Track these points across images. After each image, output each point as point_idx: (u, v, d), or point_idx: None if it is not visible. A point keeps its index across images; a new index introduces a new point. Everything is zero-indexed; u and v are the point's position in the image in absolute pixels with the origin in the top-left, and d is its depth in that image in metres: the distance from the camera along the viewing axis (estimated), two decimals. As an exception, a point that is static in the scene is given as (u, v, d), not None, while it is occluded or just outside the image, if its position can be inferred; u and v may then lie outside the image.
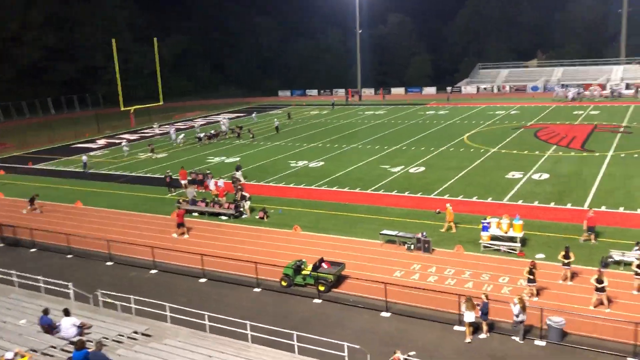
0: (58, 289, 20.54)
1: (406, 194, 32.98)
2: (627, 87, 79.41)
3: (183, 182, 36.06)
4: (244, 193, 31.44)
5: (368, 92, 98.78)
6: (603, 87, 79.46)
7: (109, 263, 25.30)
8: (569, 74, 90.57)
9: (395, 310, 19.19)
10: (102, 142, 60.83)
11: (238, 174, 36.08)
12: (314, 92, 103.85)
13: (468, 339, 17.22)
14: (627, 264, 21.47)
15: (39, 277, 21.06)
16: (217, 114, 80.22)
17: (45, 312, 16.63)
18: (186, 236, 27.26)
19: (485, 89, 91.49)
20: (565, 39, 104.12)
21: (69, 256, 26.50)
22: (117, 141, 59.88)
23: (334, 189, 34.94)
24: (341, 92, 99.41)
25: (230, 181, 34.32)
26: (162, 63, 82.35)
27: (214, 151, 50.32)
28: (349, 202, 31.89)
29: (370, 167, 40.01)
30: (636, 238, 23.71)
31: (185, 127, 68.23)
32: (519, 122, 57.34)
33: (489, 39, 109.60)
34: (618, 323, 17.11)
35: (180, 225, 27.46)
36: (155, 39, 74.63)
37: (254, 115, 71.43)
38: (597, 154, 40.32)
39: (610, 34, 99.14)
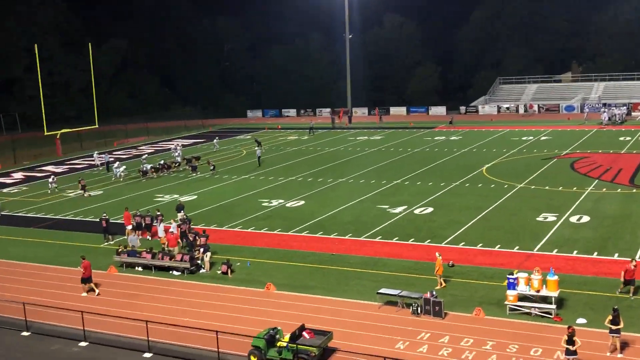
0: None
1: (410, 241, 32.96)
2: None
3: (128, 227, 35.83)
4: (201, 242, 31.13)
5: (360, 113, 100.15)
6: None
7: (24, 333, 24.67)
8: (611, 90, 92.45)
9: (397, 393, 18.92)
10: (18, 175, 60.65)
11: (180, 216, 35.92)
12: (292, 112, 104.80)
13: None
14: (692, 330, 21.47)
15: None
16: (169, 140, 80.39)
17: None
18: (96, 292, 27.42)
19: (507, 109, 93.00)
20: (606, 47, 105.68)
21: (-29, 325, 25.95)
22: (38, 174, 59.61)
23: (318, 235, 34.90)
24: (326, 112, 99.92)
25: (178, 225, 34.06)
26: (97, 75, 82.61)
27: (165, 187, 50.34)
28: (337, 253, 31.70)
29: (364, 208, 40.08)
30: (702, 297, 23.76)
31: (127, 156, 68.20)
32: (551, 150, 58.09)
33: (510, 47, 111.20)
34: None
35: (86, 280, 27.37)
36: (89, 45, 75.03)
37: (215, 141, 71.70)
38: (650, 191, 40.61)
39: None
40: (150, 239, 35.62)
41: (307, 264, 30.42)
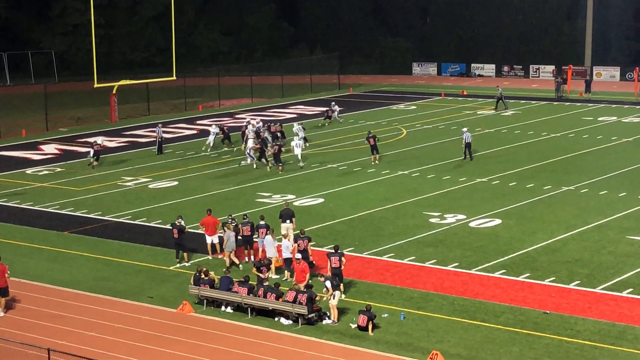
0: None
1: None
2: None
3: (210, 238, 30.02)
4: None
5: (607, 76, 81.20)
6: None
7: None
8: None
9: None
10: (50, 148, 52.46)
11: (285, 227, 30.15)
12: (488, 68, 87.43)
13: None
14: None
15: None
16: (284, 106, 67.63)
17: None
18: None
19: None
20: None
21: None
22: (80, 149, 51.14)
23: (522, 278, 27.54)
24: (546, 73, 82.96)
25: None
26: (177, 1, 64.78)
27: (275, 181, 41.90)
28: (553, 311, 24.45)
29: (604, 239, 32.09)
30: None
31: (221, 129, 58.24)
32: None
33: None
34: None
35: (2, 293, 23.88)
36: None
37: (333, 108, 58.47)
38: None
39: None
40: (251, 260, 28.95)
41: (501, 326, 23.63)
